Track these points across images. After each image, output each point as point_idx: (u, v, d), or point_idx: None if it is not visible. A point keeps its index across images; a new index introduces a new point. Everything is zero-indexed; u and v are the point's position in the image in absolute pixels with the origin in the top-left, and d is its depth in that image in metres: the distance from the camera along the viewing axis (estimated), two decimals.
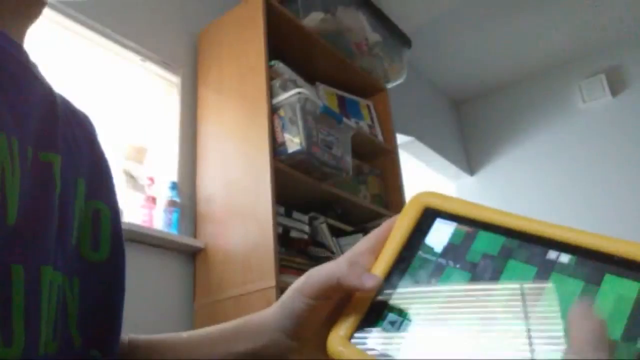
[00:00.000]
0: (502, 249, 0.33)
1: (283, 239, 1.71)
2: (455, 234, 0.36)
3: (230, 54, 1.95)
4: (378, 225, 0.42)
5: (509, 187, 3.77)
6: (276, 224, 1.61)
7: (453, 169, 3.84)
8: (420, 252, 0.36)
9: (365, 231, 2.01)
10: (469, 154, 4.07)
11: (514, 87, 4.00)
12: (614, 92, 3.55)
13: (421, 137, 3.46)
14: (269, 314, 0.45)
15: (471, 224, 0.36)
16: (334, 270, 0.37)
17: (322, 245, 1.85)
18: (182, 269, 1.77)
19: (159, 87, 2.02)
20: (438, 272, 0.35)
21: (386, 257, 0.37)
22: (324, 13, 2.12)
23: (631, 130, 3.42)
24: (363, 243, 0.40)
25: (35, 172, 0.39)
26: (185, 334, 0.50)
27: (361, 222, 2.10)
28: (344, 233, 2.02)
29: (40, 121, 0.41)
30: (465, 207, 0.37)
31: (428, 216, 0.38)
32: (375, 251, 0.39)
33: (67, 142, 0.45)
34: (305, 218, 1.85)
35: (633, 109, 3.47)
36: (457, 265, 0.34)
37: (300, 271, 1.65)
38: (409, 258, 0.36)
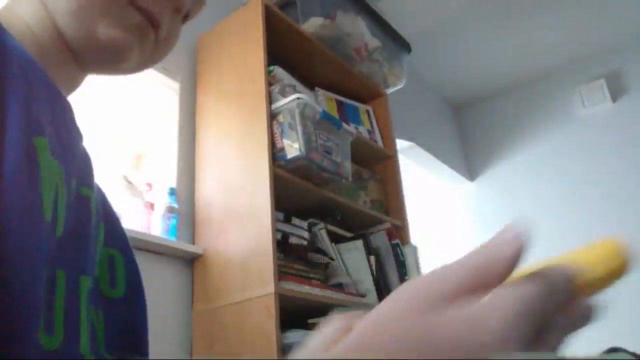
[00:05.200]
0: None
1: (282, 245, 1.69)
2: None
3: (230, 59, 1.94)
4: (378, 230, 0.41)
5: (508, 193, 3.76)
6: (275, 230, 1.60)
7: (453, 174, 3.83)
8: None
9: (364, 237, 1.99)
10: (469, 160, 4.06)
11: (513, 93, 4.00)
12: (614, 98, 3.55)
13: (421, 142, 3.45)
14: None
15: None
16: None
17: (321, 252, 1.84)
18: (181, 275, 1.76)
19: (157, 92, 2.01)
20: None
21: None
22: (323, 18, 2.11)
23: (631, 135, 3.42)
24: None
25: (76, 203, 0.43)
26: None
27: (361, 228, 2.09)
28: (344, 239, 2.00)
29: (80, 159, 0.46)
30: None
31: None
32: None
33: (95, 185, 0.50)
34: (305, 224, 1.84)
35: (633, 114, 3.46)
36: None
37: (299, 277, 1.64)
38: None
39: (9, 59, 0.37)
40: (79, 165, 0.46)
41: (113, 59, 0.49)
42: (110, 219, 0.53)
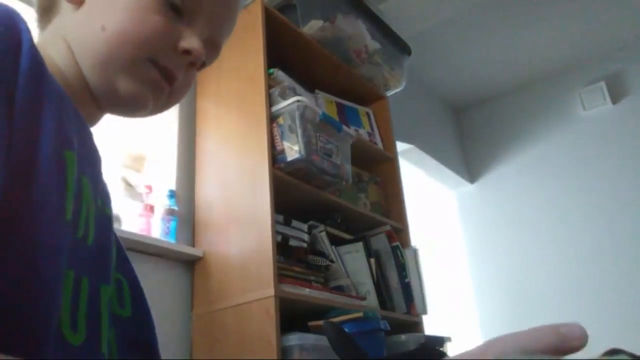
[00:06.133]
0: None
1: (282, 248, 1.69)
2: None
3: (230, 61, 1.94)
4: (378, 233, 0.41)
5: (509, 195, 3.76)
6: (275, 232, 1.60)
7: (453, 176, 3.82)
8: None
9: (364, 240, 1.99)
10: (469, 162, 4.06)
11: (514, 95, 4.00)
12: (615, 100, 3.55)
13: (421, 144, 3.45)
14: None
15: None
16: None
17: (321, 254, 1.84)
18: (180, 278, 1.76)
19: None
20: None
21: None
22: (323, 21, 2.11)
23: (632, 137, 3.41)
24: None
25: (101, 220, 0.49)
26: None
27: (361, 230, 2.09)
28: (344, 241, 2.00)
29: (102, 183, 0.54)
30: None
31: None
32: None
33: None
34: (305, 226, 1.83)
35: (634, 116, 3.46)
36: None
37: (299, 280, 1.64)
38: None
39: (46, 80, 0.42)
40: (102, 188, 0.52)
41: (129, 109, 0.56)
42: (119, 245, 0.58)
